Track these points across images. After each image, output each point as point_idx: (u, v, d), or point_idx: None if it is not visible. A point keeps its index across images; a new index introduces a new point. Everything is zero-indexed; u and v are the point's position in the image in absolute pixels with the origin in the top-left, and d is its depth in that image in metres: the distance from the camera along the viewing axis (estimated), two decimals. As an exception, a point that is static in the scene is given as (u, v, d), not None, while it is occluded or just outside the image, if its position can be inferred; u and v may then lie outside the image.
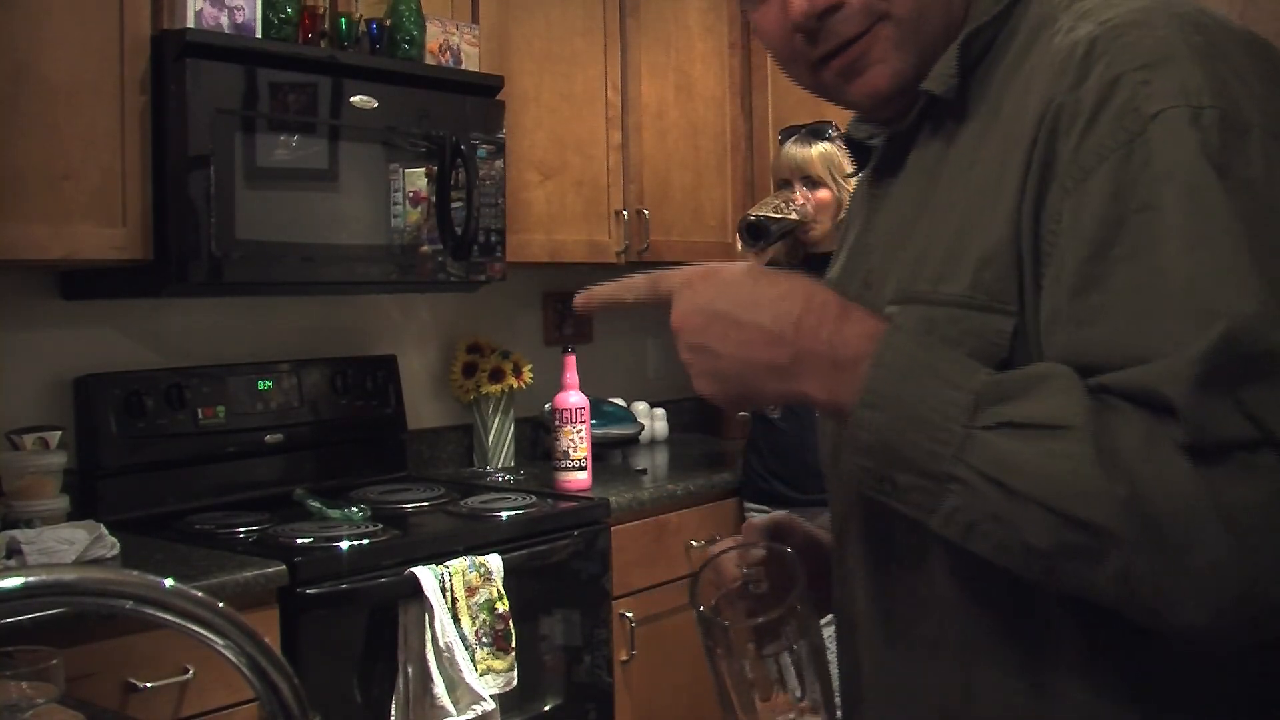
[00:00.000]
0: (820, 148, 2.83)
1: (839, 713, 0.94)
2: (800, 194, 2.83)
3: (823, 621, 0.93)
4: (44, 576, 0.65)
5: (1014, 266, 0.80)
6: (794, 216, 2.79)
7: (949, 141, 0.89)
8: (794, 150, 2.85)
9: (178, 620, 0.68)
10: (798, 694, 0.88)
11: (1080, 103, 0.77)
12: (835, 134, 2.87)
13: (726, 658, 0.89)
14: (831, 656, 0.94)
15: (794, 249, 2.91)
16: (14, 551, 1.99)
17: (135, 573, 0.71)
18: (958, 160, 0.87)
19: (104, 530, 2.13)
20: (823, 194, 2.82)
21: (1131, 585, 0.70)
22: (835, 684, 0.95)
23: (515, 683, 2.37)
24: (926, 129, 0.92)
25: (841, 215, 2.85)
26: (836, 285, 0.96)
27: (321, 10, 2.49)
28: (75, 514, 2.30)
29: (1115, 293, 0.74)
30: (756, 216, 2.78)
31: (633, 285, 0.92)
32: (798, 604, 0.88)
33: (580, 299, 0.93)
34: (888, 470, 0.77)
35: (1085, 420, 0.71)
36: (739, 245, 2.82)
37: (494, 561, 2.37)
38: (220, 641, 0.69)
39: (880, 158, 0.98)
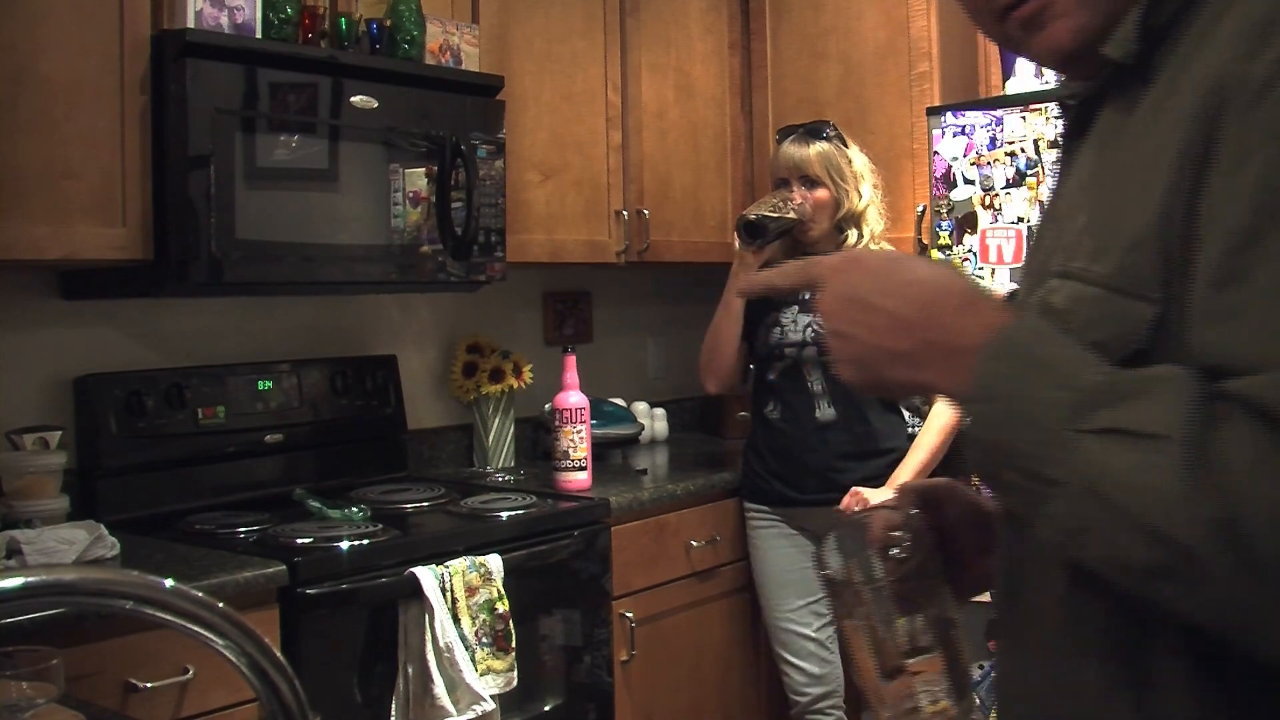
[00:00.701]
0: (818, 147, 2.83)
1: (971, 685, 0.93)
2: (798, 193, 2.83)
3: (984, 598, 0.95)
4: (44, 576, 0.65)
5: (1162, 253, 0.75)
6: (792, 215, 2.79)
7: (1129, 110, 0.84)
8: (792, 150, 2.85)
9: (178, 620, 0.68)
10: (916, 663, 0.89)
11: (1250, 77, 0.72)
12: (833, 133, 2.87)
13: (849, 620, 0.90)
14: None
15: (792, 248, 2.91)
16: (14, 551, 1.99)
17: (135, 573, 0.71)
18: (1133, 131, 0.83)
19: (104, 530, 2.13)
20: (820, 193, 2.82)
21: (1225, 611, 0.67)
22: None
23: (515, 683, 2.37)
24: (1113, 95, 0.87)
25: (840, 214, 2.85)
26: (1028, 254, 0.95)
27: (321, 10, 2.49)
28: (75, 514, 2.30)
29: (1256, 290, 0.69)
30: (755, 215, 2.79)
31: (787, 272, 0.91)
32: (924, 573, 0.89)
33: (741, 286, 1.03)
34: (997, 467, 0.76)
35: (1185, 431, 0.67)
36: (737, 244, 2.82)
37: (494, 561, 2.37)
38: (220, 641, 0.69)
39: (1071, 122, 0.95)
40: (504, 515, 2.56)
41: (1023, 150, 2.96)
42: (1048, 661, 0.85)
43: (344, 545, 2.24)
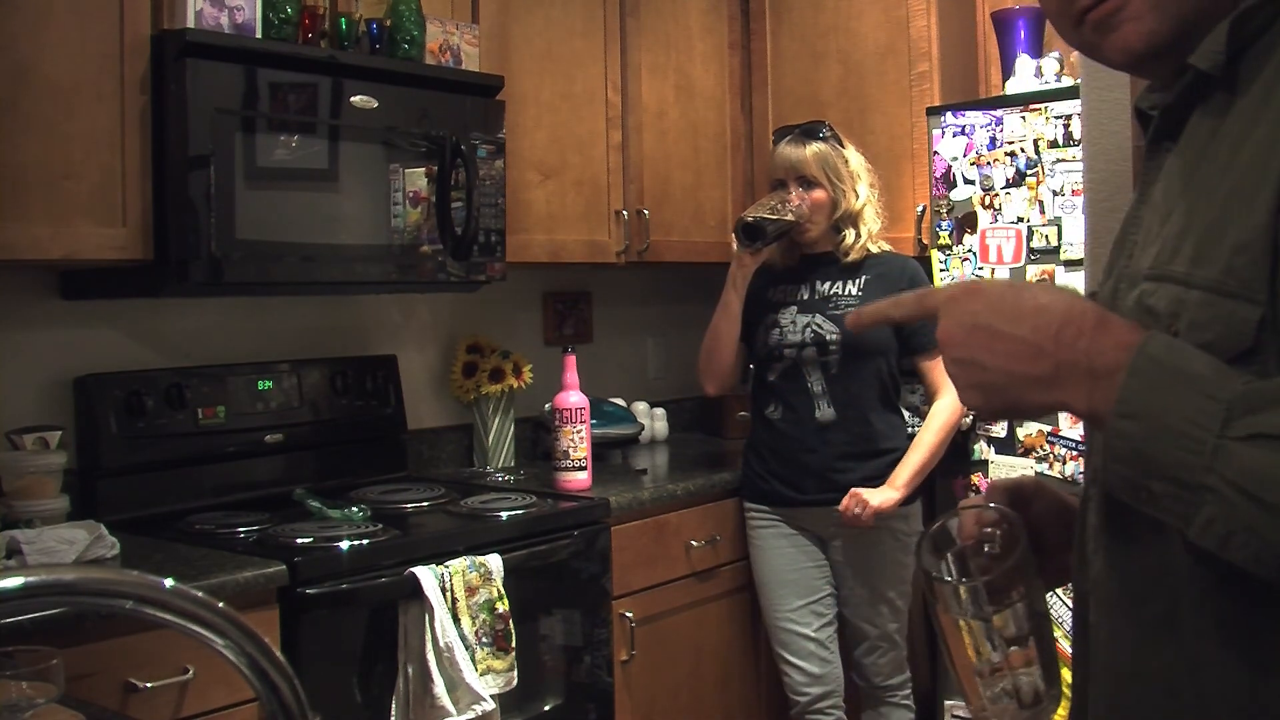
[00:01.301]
0: (814, 148, 2.84)
1: (1060, 678, 0.97)
2: (795, 194, 2.83)
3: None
4: (44, 576, 0.65)
5: (1268, 255, 0.78)
6: (790, 217, 2.80)
7: (1221, 119, 0.87)
8: (788, 150, 2.85)
9: (178, 620, 0.68)
10: (1012, 654, 0.93)
11: None
12: (828, 134, 2.87)
13: (946, 615, 0.94)
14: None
15: (790, 249, 2.91)
16: (14, 551, 1.99)
17: (135, 573, 0.71)
18: (1228, 139, 0.85)
19: (104, 530, 2.13)
20: (818, 194, 2.83)
21: None
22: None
23: (515, 683, 2.37)
24: (1201, 104, 0.90)
25: (837, 215, 2.84)
26: (1110, 258, 0.98)
27: (321, 10, 2.49)
28: (75, 514, 2.30)
29: None
30: (754, 217, 2.79)
31: (902, 303, 0.94)
32: (1019, 567, 0.93)
33: (851, 319, 0.95)
34: (1144, 479, 0.78)
35: None
36: (735, 245, 2.83)
37: (494, 561, 2.37)
38: (220, 641, 0.69)
39: (1154, 130, 0.97)
40: (504, 515, 2.56)
41: (1022, 150, 2.96)
42: (1162, 638, 0.87)
43: (344, 545, 2.24)
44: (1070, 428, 2.82)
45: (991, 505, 1.01)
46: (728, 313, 2.91)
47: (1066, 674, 1.00)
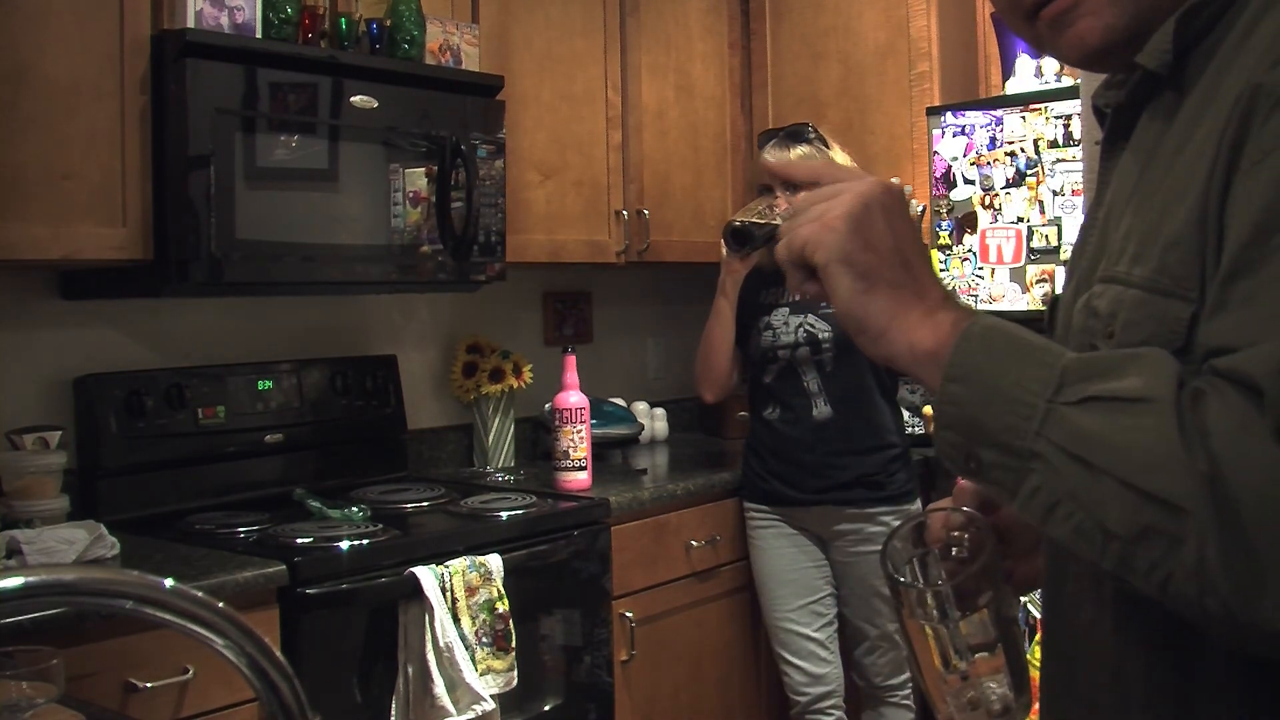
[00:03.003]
0: (799, 150, 2.83)
1: (1029, 686, 0.94)
2: (783, 199, 2.81)
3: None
4: (44, 576, 0.65)
5: (1197, 252, 0.77)
6: (777, 221, 2.79)
7: (1168, 119, 0.86)
8: (775, 154, 2.84)
9: (178, 620, 0.68)
10: (979, 661, 0.91)
11: (1276, 84, 0.74)
12: (813, 135, 2.87)
13: (911, 620, 0.92)
14: None
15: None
16: (14, 551, 1.99)
17: (135, 573, 0.71)
18: (1173, 140, 0.84)
19: (104, 530, 2.13)
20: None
21: (1206, 576, 0.67)
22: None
23: (515, 683, 2.37)
24: (1150, 104, 0.89)
25: None
26: (1071, 259, 0.97)
27: (321, 10, 2.49)
28: (75, 514, 2.30)
29: (1263, 281, 0.72)
30: (741, 222, 2.78)
31: (810, 167, 0.98)
32: (986, 572, 0.90)
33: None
34: (973, 446, 0.76)
35: (1170, 394, 0.69)
36: (724, 250, 2.82)
37: (494, 561, 2.37)
38: (220, 641, 0.69)
39: (1109, 129, 0.96)
40: (504, 515, 2.56)
41: (1022, 150, 2.96)
42: (1088, 645, 0.86)
43: (344, 545, 2.24)
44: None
45: (959, 508, 0.99)
46: (720, 319, 2.91)
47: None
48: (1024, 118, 2.96)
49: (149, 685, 1.89)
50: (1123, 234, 0.85)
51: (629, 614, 2.75)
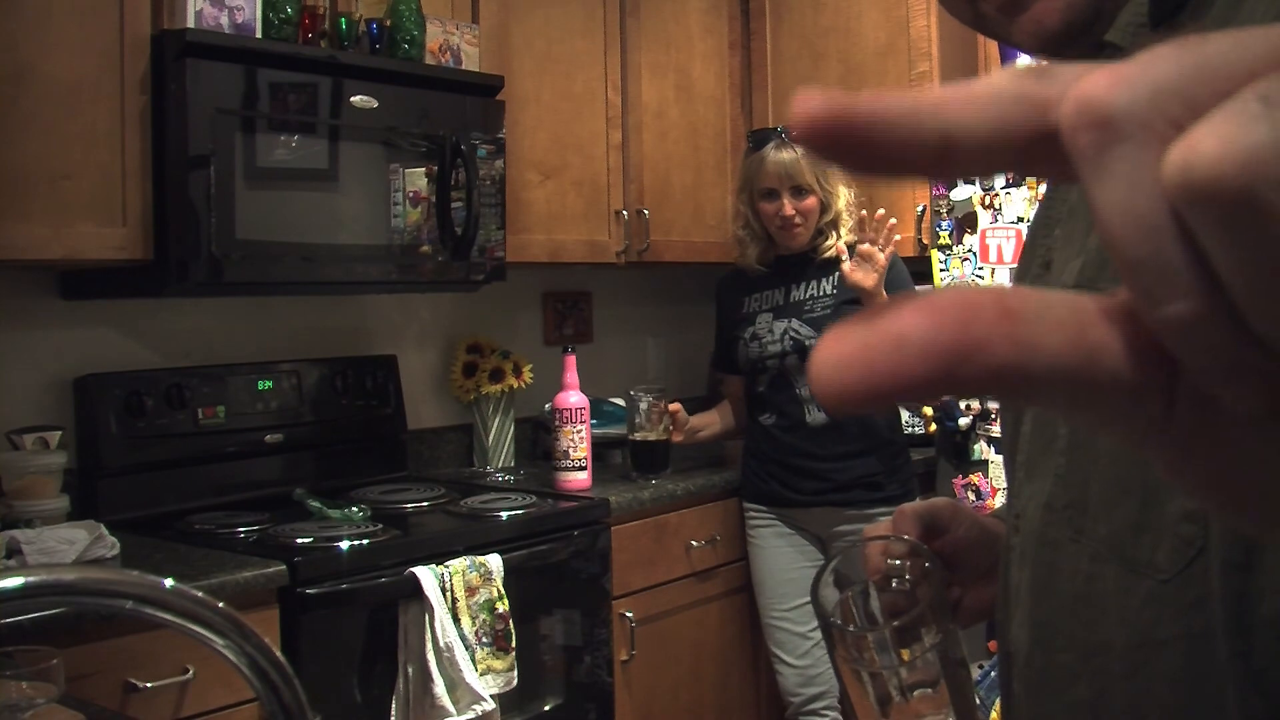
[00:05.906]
0: (801, 150, 2.80)
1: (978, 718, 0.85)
2: (788, 205, 2.79)
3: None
4: (44, 576, 0.65)
5: None
6: (674, 432, 2.96)
7: None
8: (781, 156, 2.77)
9: (178, 620, 0.68)
10: (917, 699, 0.81)
11: None
12: None
13: (847, 660, 0.82)
14: None
15: (766, 250, 2.89)
16: (14, 551, 1.99)
17: (135, 573, 0.71)
18: None
19: (104, 530, 2.13)
20: (809, 202, 2.80)
21: None
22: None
23: (515, 683, 2.37)
24: None
25: (825, 219, 2.82)
26: (1020, 262, 0.87)
27: (321, 10, 2.49)
28: (75, 514, 2.30)
29: None
30: (644, 439, 2.94)
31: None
32: (931, 607, 0.81)
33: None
34: None
35: None
36: (631, 469, 2.97)
37: (494, 561, 2.37)
38: (220, 641, 0.69)
39: None
40: (504, 515, 2.56)
41: (1023, 150, 2.96)
42: None
43: (344, 545, 2.24)
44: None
45: (900, 536, 0.87)
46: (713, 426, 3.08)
47: None
48: (1024, 118, 2.96)
49: (149, 685, 1.89)
50: (1100, 242, 0.78)
51: (629, 614, 2.75)
